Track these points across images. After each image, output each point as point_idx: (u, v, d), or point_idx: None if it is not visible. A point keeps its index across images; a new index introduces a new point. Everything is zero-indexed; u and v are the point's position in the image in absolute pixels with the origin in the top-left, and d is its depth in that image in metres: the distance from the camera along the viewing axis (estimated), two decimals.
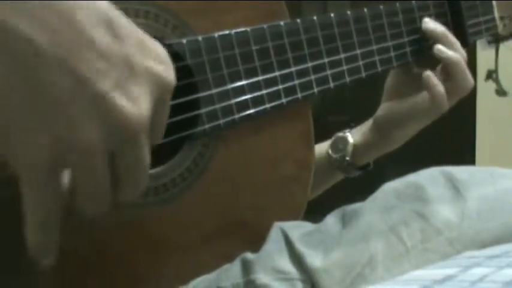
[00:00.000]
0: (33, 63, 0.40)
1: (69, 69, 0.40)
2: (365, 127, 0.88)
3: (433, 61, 0.80)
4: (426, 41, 0.80)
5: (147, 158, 0.45)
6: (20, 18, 0.39)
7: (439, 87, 0.79)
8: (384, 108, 0.85)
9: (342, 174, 0.89)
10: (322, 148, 0.88)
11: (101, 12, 0.42)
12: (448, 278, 0.41)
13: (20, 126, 0.40)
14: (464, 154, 2.00)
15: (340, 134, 0.88)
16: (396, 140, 0.86)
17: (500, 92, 0.94)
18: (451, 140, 1.98)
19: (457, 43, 0.80)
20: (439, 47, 0.79)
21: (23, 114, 0.40)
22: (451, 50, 0.79)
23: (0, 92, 0.40)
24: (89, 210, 0.45)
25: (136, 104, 0.42)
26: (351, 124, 0.89)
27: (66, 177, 0.44)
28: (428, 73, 0.79)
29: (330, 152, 0.88)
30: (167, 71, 0.45)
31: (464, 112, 1.94)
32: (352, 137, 0.87)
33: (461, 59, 0.79)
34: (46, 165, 0.41)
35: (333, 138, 0.89)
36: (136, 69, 0.43)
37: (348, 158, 0.86)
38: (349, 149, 0.86)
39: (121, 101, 0.41)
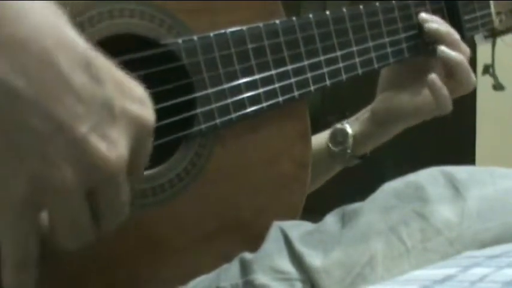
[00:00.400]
0: (10, 105, 0.40)
1: (47, 113, 0.40)
2: (362, 117, 0.87)
3: (431, 53, 0.80)
4: (422, 36, 0.80)
5: (126, 194, 0.45)
6: None
7: (444, 90, 0.79)
8: (381, 99, 0.85)
9: (340, 166, 0.89)
10: (318, 140, 0.88)
11: (80, 54, 0.42)
12: (448, 278, 0.41)
13: None
14: (464, 154, 2.00)
15: (339, 125, 0.88)
16: (394, 130, 0.86)
17: (497, 86, 0.94)
18: (451, 140, 1.98)
19: (460, 41, 0.80)
20: (443, 48, 0.79)
21: (0, 150, 0.40)
22: (454, 50, 0.79)
23: None
24: (70, 246, 0.45)
25: (114, 146, 0.42)
26: (346, 114, 0.89)
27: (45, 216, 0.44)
28: (433, 76, 0.79)
29: (330, 145, 0.87)
30: (146, 111, 0.45)
31: (464, 111, 1.94)
32: (350, 127, 0.87)
33: (464, 59, 0.79)
34: (21, 202, 0.41)
35: (331, 130, 0.88)
36: (115, 112, 0.43)
37: (349, 151, 0.86)
38: (350, 140, 0.86)
39: (98, 143, 0.42)
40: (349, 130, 0.86)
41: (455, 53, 0.79)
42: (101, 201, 0.44)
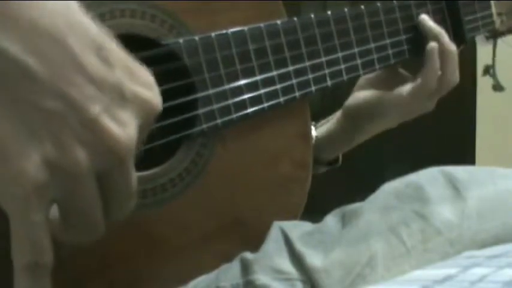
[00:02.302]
0: (23, 85, 0.40)
1: (60, 93, 0.40)
2: (332, 120, 0.86)
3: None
4: (423, 38, 0.80)
5: (134, 180, 0.45)
6: (10, 39, 0.39)
7: (437, 63, 0.78)
8: (355, 96, 0.84)
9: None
10: None
11: (92, 37, 0.42)
12: (448, 278, 0.41)
13: (10, 143, 0.40)
14: (464, 154, 2.00)
15: None
16: (366, 132, 0.85)
17: (497, 87, 0.94)
18: (451, 140, 1.98)
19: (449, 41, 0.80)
20: (433, 44, 0.79)
21: (13, 133, 0.40)
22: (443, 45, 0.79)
23: None
24: (80, 239, 0.45)
25: (124, 128, 0.43)
26: (313, 122, 0.87)
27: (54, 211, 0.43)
28: (433, 45, 0.78)
29: None
30: (154, 96, 0.46)
31: (464, 111, 1.94)
32: (315, 130, 0.86)
33: (456, 50, 0.79)
34: (32, 189, 0.40)
35: None
36: (125, 94, 0.43)
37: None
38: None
39: (110, 125, 0.42)
40: (313, 133, 0.85)
41: (448, 40, 0.79)
42: (111, 185, 0.44)
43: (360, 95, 0.84)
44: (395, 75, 0.82)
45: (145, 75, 0.46)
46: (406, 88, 0.80)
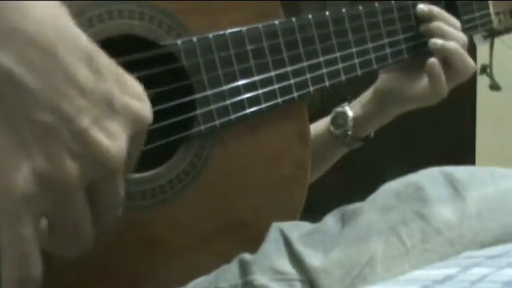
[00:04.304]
0: (15, 97, 0.40)
1: (51, 105, 0.40)
2: (364, 99, 0.89)
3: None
4: (422, 37, 0.80)
5: (122, 192, 0.45)
6: (1, 50, 0.39)
7: (441, 76, 0.80)
8: (383, 79, 0.87)
9: (344, 149, 0.90)
10: (321, 125, 0.90)
11: (82, 49, 0.42)
12: (448, 278, 0.41)
13: (0, 156, 0.40)
14: (464, 154, 2.00)
15: (339, 108, 0.89)
16: (393, 112, 0.87)
17: (494, 86, 0.95)
18: (451, 140, 1.98)
19: (456, 22, 0.82)
20: (433, 40, 0.80)
21: (3, 145, 0.40)
22: (446, 40, 0.80)
23: None
24: (69, 252, 0.45)
25: (114, 140, 0.43)
26: (347, 97, 0.90)
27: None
28: (433, 60, 0.80)
29: (332, 128, 0.89)
30: (144, 108, 0.46)
31: (464, 111, 1.94)
32: (351, 110, 0.88)
33: (457, 46, 0.80)
34: (23, 201, 0.40)
35: (332, 113, 0.90)
36: (115, 106, 0.43)
37: (349, 133, 0.88)
38: (350, 123, 0.87)
39: (100, 136, 0.42)
40: (350, 113, 0.88)
41: (446, 41, 0.80)
42: (100, 196, 0.44)
43: (387, 79, 0.86)
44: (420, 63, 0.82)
45: (136, 86, 0.46)
46: (422, 85, 0.82)
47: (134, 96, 0.45)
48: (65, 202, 0.42)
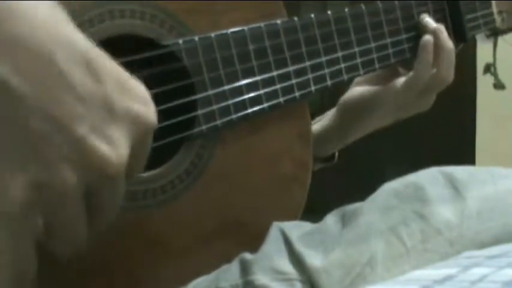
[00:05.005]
0: (8, 106, 0.39)
1: (47, 113, 0.39)
2: (326, 116, 0.87)
3: None
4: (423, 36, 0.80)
5: (121, 196, 0.45)
6: None
7: (430, 55, 0.78)
8: (354, 93, 0.84)
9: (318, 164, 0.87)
10: None
11: (80, 52, 0.41)
12: (448, 278, 0.41)
13: None
14: (464, 154, 2.00)
15: None
16: (360, 128, 0.85)
17: (498, 85, 0.94)
18: (451, 140, 1.98)
19: (450, 46, 0.80)
20: (427, 37, 0.79)
21: None
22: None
23: None
24: (63, 253, 0.44)
25: (114, 146, 0.42)
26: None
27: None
28: (428, 38, 0.78)
29: None
30: (148, 111, 0.45)
31: (464, 111, 1.94)
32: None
33: (453, 48, 0.79)
34: (19, 209, 0.40)
35: None
36: (116, 111, 0.42)
37: None
38: None
39: (99, 144, 0.41)
40: None
41: (447, 36, 0.79)
42: (99, 202, 0.44)
43: (357, 90, 0.84)
44: (393, 73, 0.82)
45: (139, 88, 0.45)
46: (399, 81, 0.80)
47: (137, 99, 0.44)
48: (61, 208, 0.42)
